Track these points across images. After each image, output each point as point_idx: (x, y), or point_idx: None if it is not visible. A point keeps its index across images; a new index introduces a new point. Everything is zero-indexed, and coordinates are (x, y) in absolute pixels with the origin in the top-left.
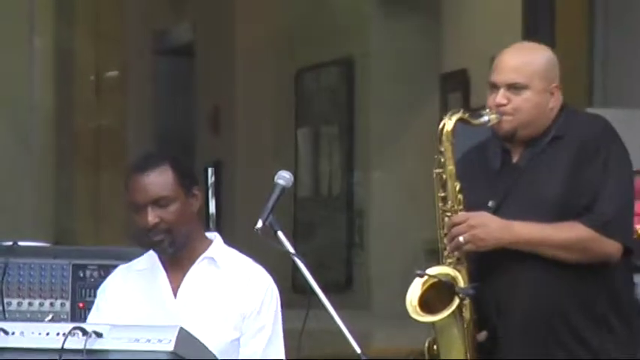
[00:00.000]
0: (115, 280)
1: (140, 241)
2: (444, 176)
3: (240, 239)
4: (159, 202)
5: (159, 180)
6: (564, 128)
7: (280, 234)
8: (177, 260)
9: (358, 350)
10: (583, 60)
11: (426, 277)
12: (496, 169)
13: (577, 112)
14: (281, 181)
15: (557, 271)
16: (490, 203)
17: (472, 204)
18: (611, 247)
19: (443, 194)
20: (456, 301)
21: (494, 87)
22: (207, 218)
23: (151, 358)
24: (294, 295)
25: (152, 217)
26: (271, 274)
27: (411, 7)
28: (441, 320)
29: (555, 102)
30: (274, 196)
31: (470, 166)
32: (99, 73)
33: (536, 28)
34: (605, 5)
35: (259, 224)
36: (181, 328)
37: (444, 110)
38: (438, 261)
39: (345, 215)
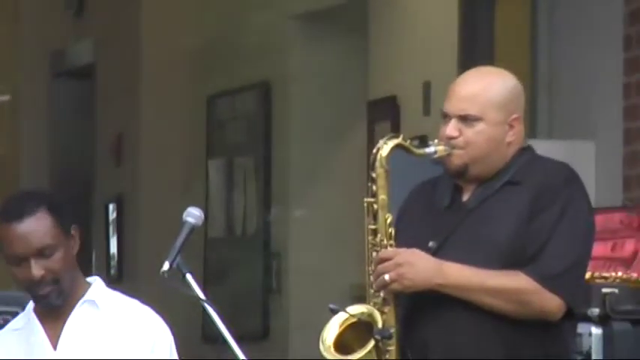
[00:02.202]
0: None
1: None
2: (376, 206)
3: (144, 282)
4: (43, 253)
5: (39, 227)
6: (522, 174)
7: (189, 277)
8: (54, 310)
9: None
10: (526, 88)
11: (345, 317)
12: (443, 208)
13: (541, 157)
14: (190, 219)
15: (488, 322)
16: (431, 243)
17: (412, 243)
18: (552, 303)
19: (373, 226)
20: (372, 343)
21: (446, 117)
22: (107, 259)
23: None
24: (204, 345)
25: (37, 269)
26: (179, 322)
27: (336, 27)
28: None
29: (515, 136)
30: (183, 236)
31: (416, 202)
32: None
33: (473, 52)
34: (549, 27)
35: (166, 266)
36: None
37: (372, 141)
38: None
39: (262, 257)
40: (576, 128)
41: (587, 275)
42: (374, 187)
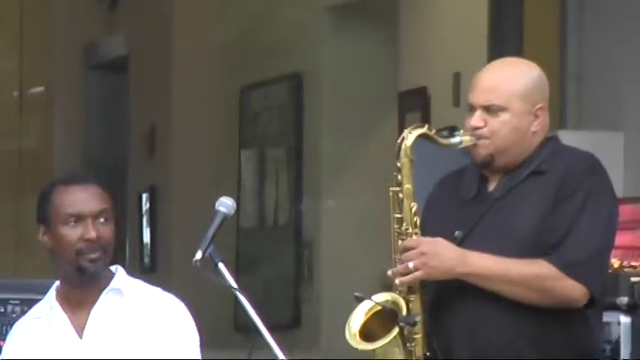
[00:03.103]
0: (15, 338)
1: (73, 263)
2: (401, 195)
3: (177, 271)
4: (99, 216)
5: (99, 193)
6: (548, 163)
7: (221, 266)
8: (79, 297)
9: None
10: (554, 79)
11: (371, 305)
12: (469, 198)
13: (566, 147)
14: (222, 209)
15: (514, 313)
16: (457, 233)
17: (438, 232)
18: (575, 290)
19: (399, 215)
20: (395, 330)
21: (472, 108)
22: (141, 249)
23: None
24: (236, 334)
25: (93, 230)
26: (211, 311)
27: (367, 20)
28: (379, 349)
29: (540, 125)
30: (215, 225)
31: (443, 192)
32: (23, 90)
33: (502, 44)
34: (579, 21)
35: (198, 255)
36: None
37: (402, 131)
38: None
39: (293, 247)
40: (605, 119)
41: (616, 264)
42: (399, 177)
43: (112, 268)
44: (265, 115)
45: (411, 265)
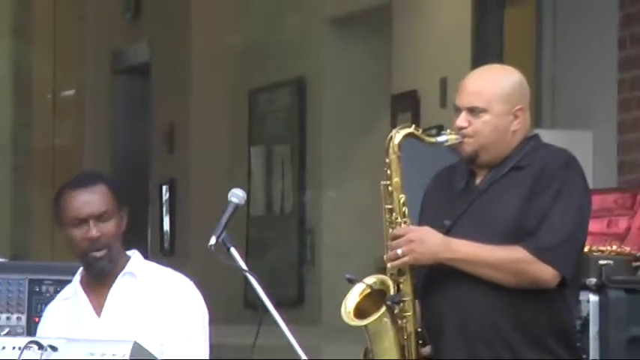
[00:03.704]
0: (50, 313)
1: (81, 259)
2: (390, 188)
3: (193, 255)
4: (101, 217)
5: (99, 195)
6: (527, 160)
7: (233, 251)
8: (98, 281)
9: (304, 358)
10: (531, 82)
11: (364, 287)
12: (459, 190)
13: (545, 144)
14: (234, 199)
15: (497, 294)
16: (446, 222)
17: (432, 220)
18: (546, 273)
19: (389, 206)
20: (383, 309)
21: (457, 110)
22: (161, 235)
23: None
24: (246, 310)
25: (95, 230)
26: (223, 290)
27: (363, 29)
28: (371, 326)
29: (519, 125)
30: (227, 214)
31: (438, 184)
32: (56, 92)
33: (484, 52)
34: (553, 28)
35: (212, 241)
36: (135, 343)
37: None
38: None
39: (297, 233)
40: (576, 119)
41: (586, 249)
42: (388, 172)
43: (129, 252)
44: (272, 116)
45: (399, 251)
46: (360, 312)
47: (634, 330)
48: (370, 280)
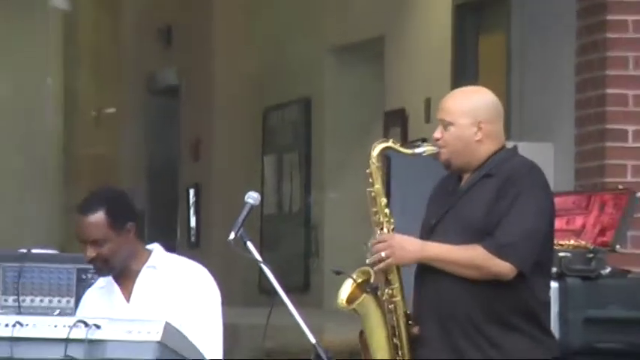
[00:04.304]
0: (88, 298)
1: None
2: (373, 194)
3: (215, 249)
4: (95, 242)
5: (93, 225)
6: (496, 168)
7: (249, 244)
8: (126, 274)
9: (313, 340)
10: (502, 99)
11: (356, 279)
12: (448, 192)
13: (515, 155)
14: (250, 200)
15: (470, 286)
16: (432, 220)
17: (426, 220)
18: (503, 267)
19: (375, 209)
20: (364, 295)
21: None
22: (188, 231)
23: (141, 347)
24: (260, 295)
25: (90, 252)
26: (241, 278)
27: (359, 55)
28: (359, 309)
29: (483, 135)
30: (244, 213)
31: (439, 186)
32: (99, 109)
33: (463, 74)
34: (521, 54)
35: (232, 236)
36: (167, 323)
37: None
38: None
39: (303, 229)
40: (540, 133)
41: None
42: (370, 180)
43: (150, 246)
44: (282, 130)
45: (383, 254)
46: (351, 299)
47: (589, 312)
48: (355, 272)
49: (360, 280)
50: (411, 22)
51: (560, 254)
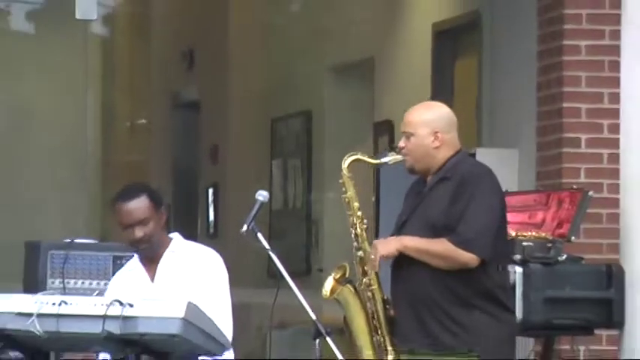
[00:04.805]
0: (117, 279)
1: (131, 247)
2: (347, 199)
3: (230, 239)
4: (142, 222)
5: (139, 207)
6: (451, 172)
7: (260, 235)
8: (151, 258)
9: (314, 317)
10: (474, 112)
11: (337, 273)
12: (417, 192)
13: (467, 158)
14: (260, 198)
15: (437, 274)
16: (403, 217)
17: (398, 217)
18: (467, 257)
19: (350, 212)
20: (340, 287)
21: (403, 134)
22: (207, 223)
23: (168, 322)
24: (268, 279)
25: (138, 232)
26: (252, 264)
27: (353, 74)
28: (339, 298)
29: (440, 143)
30: (255, 208)
31: (409, 190)
32: (132, 121)
33: (441, 91)
34: (490, 74)
35: (244, 228)
36: (189, 302)
37: (376, 150)
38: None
39: (305, 223)
40: (507, 141)
41: (513, 234)
42: (343, 188)
43: (171, 235)
44: (287, 138)
45: (372, 257)
46: (333, 291)
47: (548, 292)
48: (334, 270)
49: (337, 276)
50: (397, 47)
51: (524, 244)
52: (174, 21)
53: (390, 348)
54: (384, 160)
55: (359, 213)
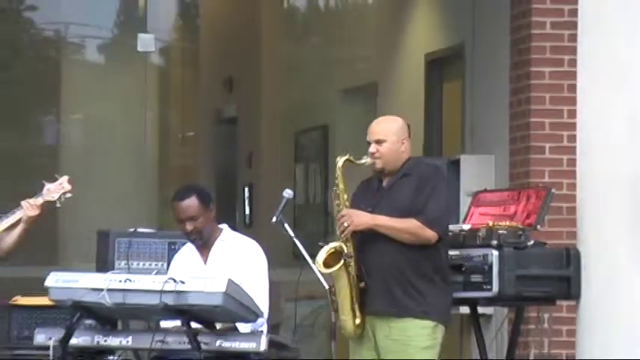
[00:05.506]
0: (176, 260)
1: (185, 237)
2: (338, 192)
3: (264, 228)
4: (192, 218)
5: (190, 206)
6: (412, 170)
7: (286, 225)
8: (204, 245)
9: (326, 287)
10: (459, 126)
11: (329, 247)
12: (374, 190)
13: (420, 159)
14: (286, 195)
15: (402, 249)
16: (367, 209)
17: (360, 208)
18: (430, 234)
19: (337, 202)
20: (341, 262)
21: (369, 143)
22: (244, 215)
23: (212, 295)
24: (293, 260)
25: (188, 226)
26: (279, 247)
27: (360, 96)
28: (333, 271)
29: (405, 148)
30: (282, 203)
31: (360, 189)
32: (183, 133)
33: (432, 108)
34: (472, 95)
35: (274, 219)
36: (229, 279)
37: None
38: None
39: (323, 216)
40: (486, 148)
41: (491, 224)
42: (336, 182)
43: (221, 226)
44: (308, 147)
45: (345, 223)
46: (327, 263)
47: (518, 271)
48: (332, 244)
49: (330, 248)
50: (396, 73)
51: (500, 232)
52: (217, 53)
53: (358, 313)
54: (361, 162)
55: (347, 203)
